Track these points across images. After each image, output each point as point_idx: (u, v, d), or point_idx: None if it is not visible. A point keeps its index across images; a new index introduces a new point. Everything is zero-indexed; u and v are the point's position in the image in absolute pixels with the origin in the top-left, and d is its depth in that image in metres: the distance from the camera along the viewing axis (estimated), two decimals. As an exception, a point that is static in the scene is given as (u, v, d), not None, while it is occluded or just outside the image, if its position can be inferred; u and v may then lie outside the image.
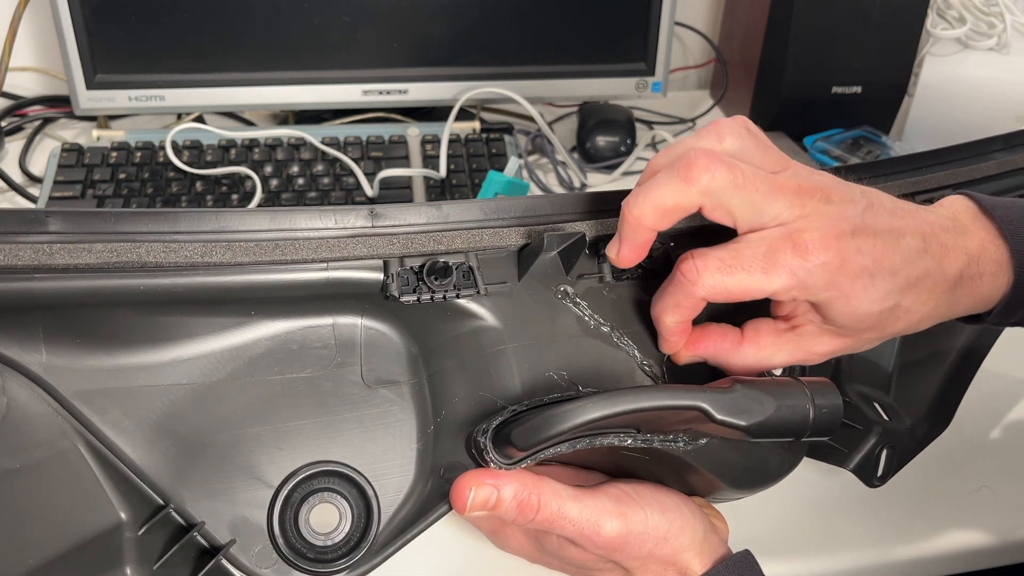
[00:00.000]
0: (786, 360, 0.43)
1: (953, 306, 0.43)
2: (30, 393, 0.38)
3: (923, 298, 0.41)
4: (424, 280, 0.40)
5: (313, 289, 0.40)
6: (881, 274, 0.39)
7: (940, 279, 0.41)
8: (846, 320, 0.40)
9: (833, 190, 0.40)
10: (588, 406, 0.37)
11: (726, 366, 0.43)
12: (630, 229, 0.40)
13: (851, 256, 0.39)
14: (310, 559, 0.41)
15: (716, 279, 0.39)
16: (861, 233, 0.39)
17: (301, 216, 0.40)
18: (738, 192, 0.39)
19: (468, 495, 0.40)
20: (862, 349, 0.43)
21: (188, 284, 0.38)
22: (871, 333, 0.42)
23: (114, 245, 0.37)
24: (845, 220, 0.39)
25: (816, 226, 0.39)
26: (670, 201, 0.39)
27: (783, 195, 0.39)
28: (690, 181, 0.39)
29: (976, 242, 0.43)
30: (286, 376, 0.42)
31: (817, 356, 0.43)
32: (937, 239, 0.41)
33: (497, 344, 0.42)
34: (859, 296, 0.39)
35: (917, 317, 0.41)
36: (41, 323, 0.38)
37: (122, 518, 0.39)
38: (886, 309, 0.40)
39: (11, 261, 0.36)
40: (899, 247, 0.40)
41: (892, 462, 0.52)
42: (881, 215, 0.41)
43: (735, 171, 0.39)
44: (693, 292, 0.40)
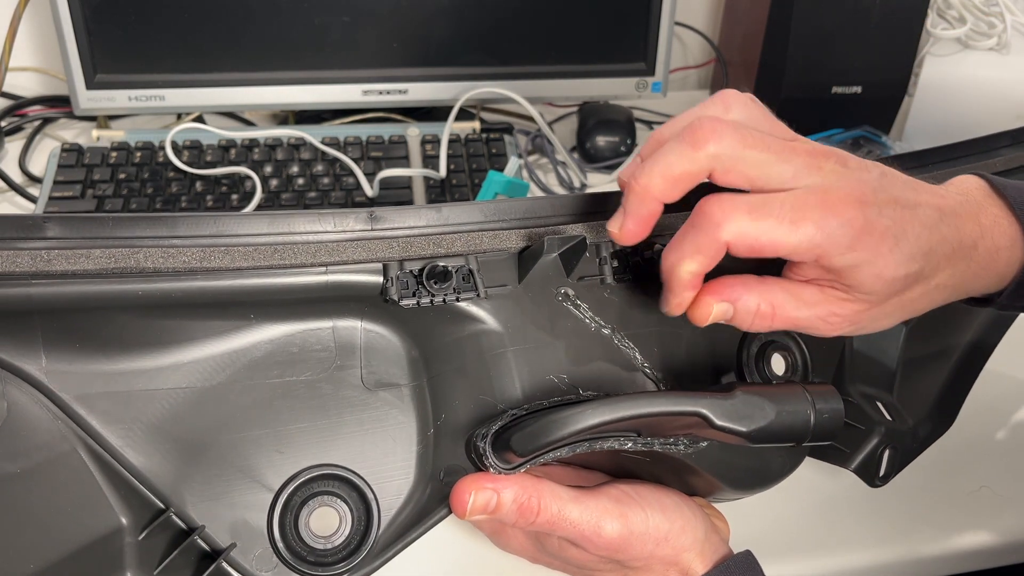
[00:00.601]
0: (808, 316, 0.40)
1: (971, 280, 0.42)
2: (30, 398, 0.38)
3: (941, 264, 0.40)
4: (424, 284, 0.40)
5: (312, 293, 0.40)
6: (905, 237, 0.38)
7: (958, 247, 0.40)
8: (872, 284, 0.39)
9: (848, 157, 0.40)
10: (588, 412, 0.37)
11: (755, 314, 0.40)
12: (637, 200, 0.39)
13: (875, 218, 0.38)
14: (310, 562, 0.40)
15: (744, 224, 0.37)
16: (882, 197, 0.38)
17: (300, 220, 0.40)
18: (749, 152, 0.38)
19: (468, 499, 0.40)
20: (877, 326, 0.41)
21: (187, 288, 0.38)
22: (891, 302, 0.40)
23: (112, 251, 0.37)
24: (865, 183, 0.38)
25: (839, 185, 0.38)
26: (678, 168, 0.38)
27: (797, 156, 0.38)
28: (697, 146, 0.38)
29: (989, 218, 0.42)
30: (286, 379, 0.42)
31: (838, 319, 0.40)
32: (952, 211, 0.41)
33: (497, 347, 0.42)
34: (885, 257, 0.38)
35: (935, 284, 0.40)
36: (40, 328, 0.38)
37: (122, 522, 0.39)
38: (912, 273, 0.39)
39: (9, 268, 0.36)
40: (917, 215, 0.39)
41: (894, 462, 0.52)
42: (896, 184, 0.40)
43: (743, 133, 0.38)
44: (717, 236, 0.37)
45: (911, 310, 0.41)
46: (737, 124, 0.38)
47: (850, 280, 0.39)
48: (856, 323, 0.40)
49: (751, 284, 0.40)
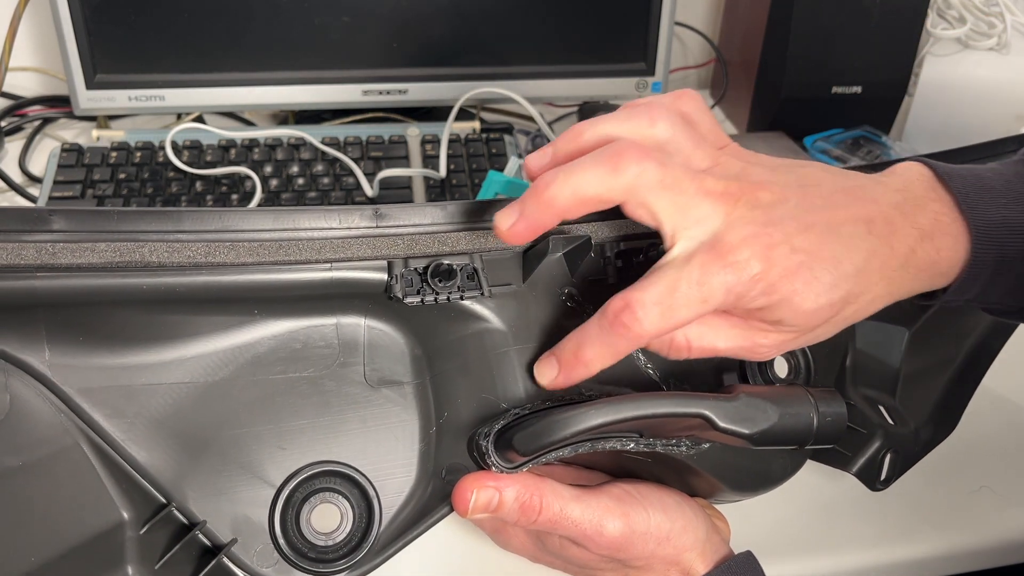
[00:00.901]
0: (731, 347, 0.40)
1: (909, 283, 0.41)
2: (33, 391, 0.38)
3: (873, 279, 0.39)
4: (428, 282, 0.40)
5: (317, 289, 0.40)
6: (823, 265, 0.37)
7: (889, 258, 0.39)
8: (794, 319, 0.38)
9: (762, 188, 0.38)
10: (591, 413, 0.37)
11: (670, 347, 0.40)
12: (538, 208, 0.38)
13: (784, 258, 0.37)
14: (311, 559, 0.40)
15: (659, 324, 0.37)
16: (793, 230, 0.37)
17: (305, 216, 0.40)
18: (665, 193, 0.37)
19: (470, 497, 0.40)
20: (812, 342, 0.41)
21: (191, 283, 0.38)
22: (824, 327, 0.39)
23: (117, 245, 0.37)
24: (775, 223, 0.37)
25: (744, 236, 0.37)
26: (591, 191, 0.37)
27: (708, 199, 0.38)
28: (618, 171, 0.37)
29: (929, 216, 0.40)
30: (289, 375, 0.42)
31: (765, 350, 0.40)
32: (883, 217, 0.39)
33: (501, 346, 0.42)
34: (801, 294, 0.37)
35: (868, 299, 0.39)
36: (44, 322, 0.38)
37: (124, 517, 0.39)
38: (837, 299, 0.38)
39: (14, 260, 0.36)
40: (839, 235, 0.38)
41: (895, 466, 0.52)
42: (815, 205, 0.38)
43: (666, 170, 0.37)
44: (636, 340, 0.37)
45: (845, 324, 0.40)
46: (661, 157, 0.38)
47: (771, 318, 0.38)
48: (787, 348, 0.40)
49: None
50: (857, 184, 0.41)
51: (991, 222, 0.41)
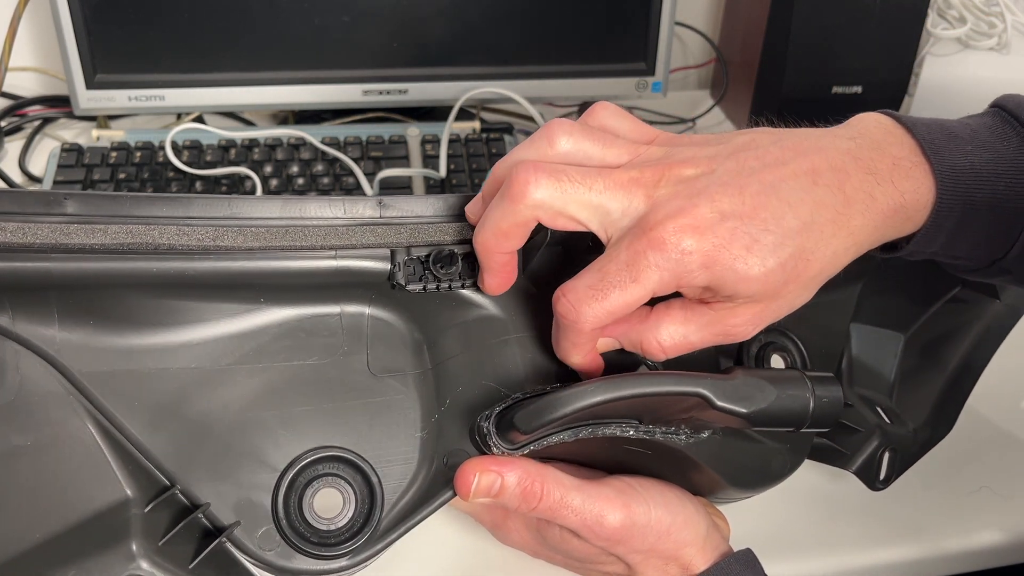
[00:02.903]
0: (707, 337, 0.39)
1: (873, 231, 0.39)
2: (42, 372, 0.39)
3: (828, 231, 0.37)
4: (430, 268, 0.41)
5: (322, 277, 0.40)
6: (762, 226, 0.36)
7: (843, 207, 0.38)
8: (746, 287, 0.37)
9: (685, 164, 0.38)
10: (592, 390, 0.37)
11: (643, 348, 0.40)
12: (484, 256, 0.40)
13: (714, 226, 0.36)
14: (313, 543, 0.41)
15: (593, 308, 0.37)
16: (722, 197, 0.36)
17: (311, 204, 0.41)
18: (568, 196, 0.37)
19: (472, 481, 0.40)
20: (792, 307, 0.39)
21: (200, 269, 0.39)
22: (788, 288, 0.38)
23: (129, 227, 0.38)
24: (700, 194, 0.36)
25: (668, 212, 0.36)
26: (505, 224, 0.38)
27: (623, 189, 0.37)
28: (516, 200, 0.37)
29: (886, 161, 0.39)
30: (293, 363, 0.42)
31: (742, 327, 0.39)
32: (831, 166, 0.38)
33: (502, 334, 0.43)
34: (743, 259, 0.36)
35: (830, 253, 0.38)
36: (56, 303, 0.39)
37: (129, 495, 0.40)
38: (786, 259, 0.37)
39: (29, 239, 0.37)
40: (778, 194, 0.37)
41: (894, 465, 0.52)
42: (748, 167, 0.38)
43: (560, 177, 0.37)
44: (580, 329, 0.38)
45: (815, 283, 0.39)
46: (555, 167, 0.38)
47: (724, 292, 0.37)
48: (763, 321, 0.39)
49: (633, 323, 0.40)
50: (800, 139, 0.40)
51: (957, 167, 0.40)
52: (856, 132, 0.40)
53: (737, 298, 0.38)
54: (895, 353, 0.54)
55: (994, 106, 0.43)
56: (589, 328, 0.38)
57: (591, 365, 0.41)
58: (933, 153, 0.40)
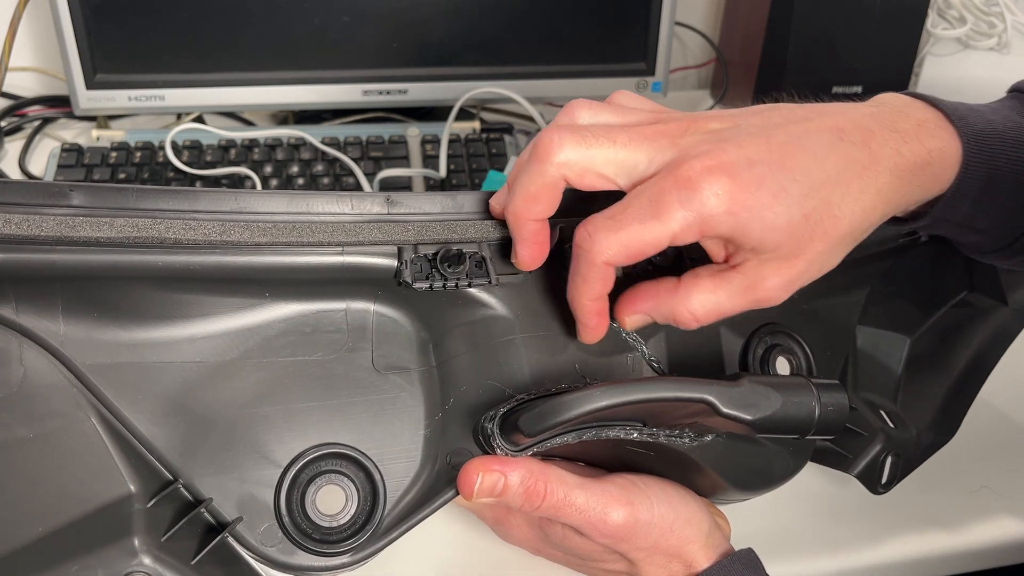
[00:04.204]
0: (739, 303, 0.38)
1: (903, 189, 0.39)
2: (47, 364, 0.39)
3: (856, 187, 0.37)
4: (437, 267, 0.41)
5: (328, 273, 0.40)
6: (789, 176, 0.36)
7: (870, 163, 0.37)
8: (772, 238, 0.36)
9: (712, 119, 0.38)
10: (596, 394, 0.37)
11: (674, 319, 0.39)
12: (516, 226, 0.39)
13: (742, 170, 0.35)
14: (315, 540, 0.41)
15: (610, 239, 0.36)
16: (750, 144, 0.36)
17: (318, 200, 0.40)
18: (594, 151, 0.37)
19: (475, 480, 0.40)
20: (820, 269, 0.38)
21: (206, 262, 0.39)
22: (815, 245, 0.37)
23: (135, 220, 0.38)
24: (727, 140, 0.36)
25: (695, 155, 0.36)
26: (533, 187, 0.38)
27: (647, 141, 0.37)
28: (542, 159, 0.37)
29: (911, 122, 0.39)
30: (298, 358, 0.42)
31: (774, 291, 0.38)
32: (855, 125, 0.38)
33: (507, 334, 0.43)
34: (770, 207, 0.35)
35: (859, 210, 0.37)
36: (61, 295, 0.38)
37: (132, 490, 0.40)
38: (811, 211, 0.36)
39: (34, 231, 0.36)
40: (804, 146, 0.36)
41: (896, 469, 0.52)
42: (775, 123, 0.37)
43: (583, 134, 0.37)
44: (593, 259, 0.37)
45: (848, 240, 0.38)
46: (578, 127, 0.38)
47: (749, 243, 0.37)
48: (793, 284, 0.38)
49: (662, 295, 0.39)
50: (822, 105, 0.39)
51: (981, 131, 0.40)
52: (877, 102, 0.40)
53: (761, 251, 0.37)
54: (900, 357, 0.54)
55: (1012, 91, 0.44)
56: (601, 260, 0.37)
57: (595, 314, 0.40)
58: (957, 118, 0.40)
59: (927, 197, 0.41)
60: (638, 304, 0.40)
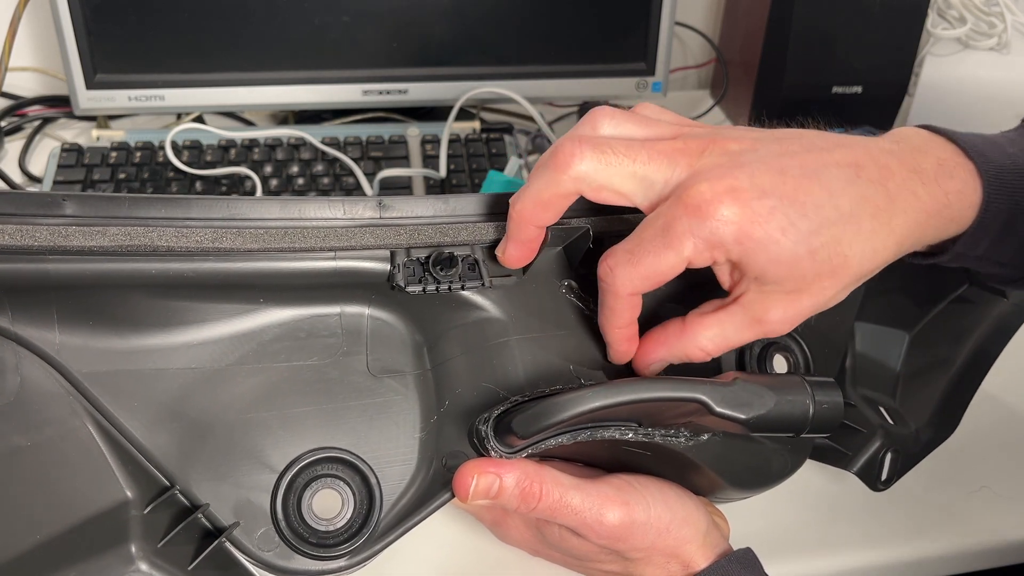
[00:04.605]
0: (746, 335, 0.39)
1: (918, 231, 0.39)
2: (43, 372, 0.39)
3: (868, 227, 0.37)
4: (430, 270, 0.41)
5: (321, 278, 0.40)
6: (800, 211, 0.36)
7: (887, 203, 0.37)
8: (775, 272, 0.36)
9: (730, 140, 0.38)
10: (589, 395, 0.37)
11: (688, 359, 0.40)
12: (515, 225, 0.40)
13: (753, 201, 0.35)
14: (312, 544, 0.41)
15: (628, 273, 0.38)
16: (764, 174, 0.36)
17: (310, 205, 0.40)
18: (612, 169, 0.37)
19: (470, 483, 0.40)
20: (825, 304, 0.38)
21: (199, 269, 0.39)
22: (821, 282, 0.37)
23: (128, 229, 0.38)
24: (742, 167, 0.36)
25: (706, 180, 0.36)
26: (546, 193, 0.38)
27: (667, 158, 0.37)
28: (560, 169, 0.38)
29: (931, 161, 0.39)
30: (293, 363, 0.42)
31: (776, 323, 0.38)
32: (875, 162, 0.38)
33: (501, 336, 0.43)
34: (776, 240, 0.36)
35: (870, 250, 0.37)
36: (56, 304, 0.39)
37: (128, 496, 0.40)
38: (818, 248, 0.36)
39: (28, 242, 0.37)
40: (820, 179, 0.36)
41: (896, 466, 0.52)
42: (791, 151, 0.37)
43: (604, 148, 0.38)
44: (617, 292, 0.39)
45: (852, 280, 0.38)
46: (599, 140, 0.38)
47: (753, 272, 0.37)
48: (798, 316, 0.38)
49: (671, 340, 0.40)
50: (845, 137, 0.39)
51: (1001, 167, 0.40)
52: (896, 138, 0.40)
53: (764, 283, 0.37)
54: (899, 352, 0.54)
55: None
56: (625, 292, 0.38)
57: (625, 340, 0.41)
58: (977, 155, 0.39)
59: (944, 237, 0.41)
60: (651, 355, 0.41)
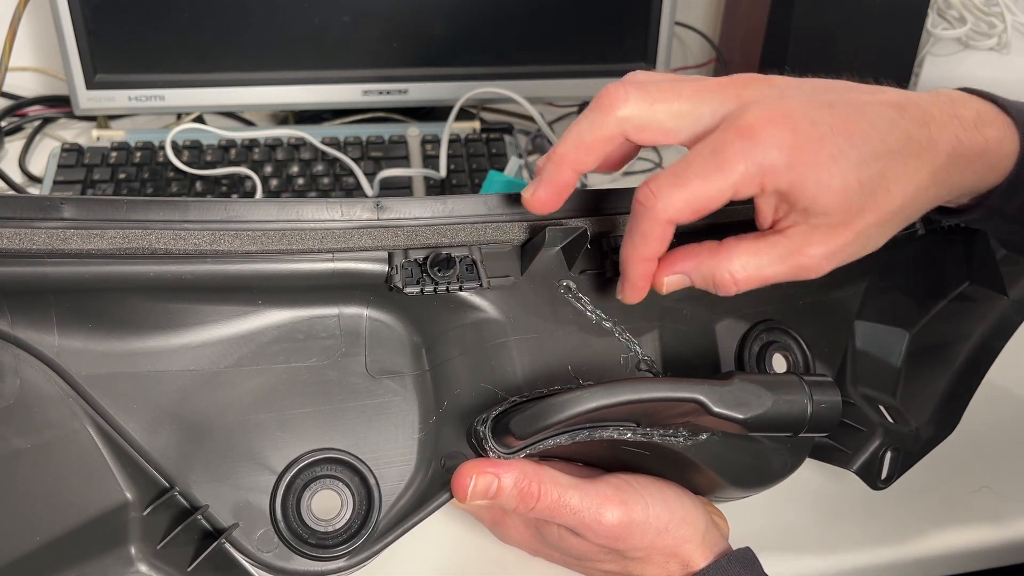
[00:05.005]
0: (780, 269, 0.38)
1: (958, 175, 0.39)
2: (42, 375, 0.39)
3: (913, 166, 0.37)
4: (428, 272, 0.41)
5: (319, 279, 0.40)
6: (849, 141, 0.36)
7: (928, 144, 0.37)
8: (826, 200, 0.36)
9: (774, 78, 0.38)
10: (586, 396, 0.37)
11: (715, 281, 0.39)
12: (552, 167, 0.39)
13: (805, 128, 0.36)
14: (311, 544, 0.41)
15: (674, 195, 0.36)
16: (814, 105, 0.36)
17: (308, 207, 0.40)
18: (658, 105, 0.37)
19: (469, 483, 0.40)
20: (865, 246, 0.38)
21: (197, 271, 0.39)
22: (865, 218, 0.37)
23: (126, 232, 0.38)
24: (792, 97, 0.37)
25: (760, 107, 0.36)
26: (589, 136, 0.38)
27: (711, 92, 0.37)
28: (605, 111, 0.38)
29: (970, 111, 0.39)
30: (292, 365, 0.42)
31: (816, 259, 0.38)
32: (917, 106, 0.38)
33: (499, 336, 0.43)
34: (829, 167, 0.36)
35: (912, 188, 0.37)
36: (55, 307, 0.39)
37: (128, 498, 0.40)
38: (866, 180, 0.36)
39: (26, 245, 0.37)
40: (866, 114, 0.37)
41: (896, 465, 0.52)
42: (837, 90, 0.38)
43: (649, 89, 0.38)
44: (657, 217, 0.37)
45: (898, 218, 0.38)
46: (643, 83, 0.38)
47: (802, 202, 0.36)
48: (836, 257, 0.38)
49: (703, 256, 0.39)
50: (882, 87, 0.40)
51: None
52: (935, 92, 0.40)
53: (812, 214, 0.37)
54: (899, 351, 0.54)
55: None
56: (664, 217, 0.37)
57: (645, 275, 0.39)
58: (1016, 111, 0.40)
59: (982, 186, 0.41)
60: (678, 264, 0.39)
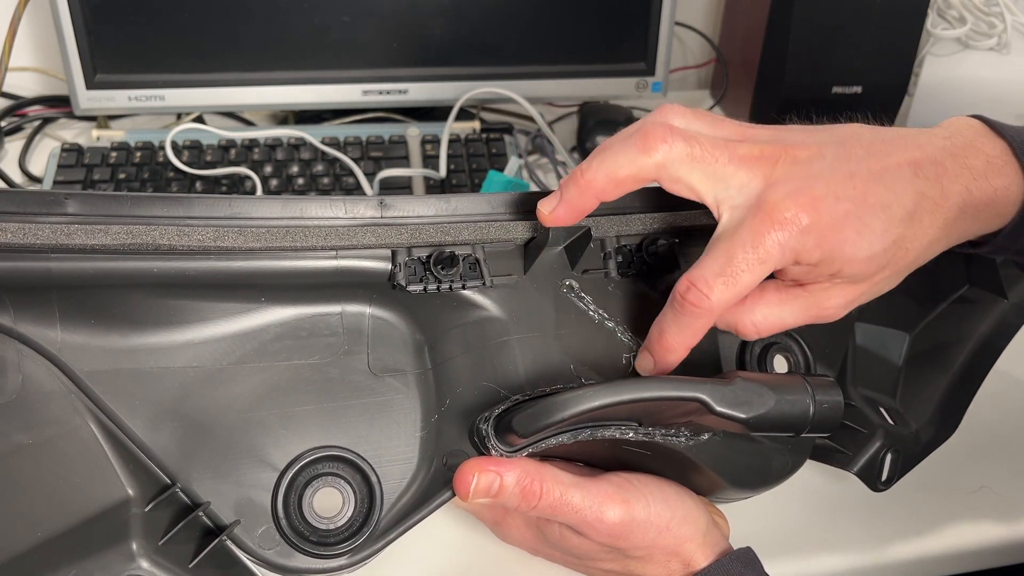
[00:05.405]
0: (799, 318, 0.41)
1: (966, 224, 0.41)
2: (45, 371, 0.39)
3: (926, 222, 0.40)
4: (431, 270, 0.41)
5: (323, 277, 0.41)
6: (871, 212, 0.38)
7: (941, 199, 0.40)
8: (852, 269, 0.39)
9: (798, 147, 0.40)
10: (589, 394, 0.37)
11: (737, 329, 0.41)
12: (577, 191, 0.40)
13: (830, 208, 0.38)
14: (313, 542, 0.41)
15: (726, 294, 0.38)
16: (836, 181, 0.38)
17: (312, 205, 0.41)
18: (697, 165, 0.38)
19: (471, 481, 0.40)
20: (879, 292, 0.42)
21: (201, 268, 0.39)
22: (883, 273, 0.40)
23: (130, 227, 0.38)
24: (815, 176, 0.38)
25: (787, 192, 0.38)
26: (624, 171, 0.39)
27: (745, 165, 0.39)
28: (647, 151, 0.38)
29: (981, 159, 0.41)
30: (294, 362, 0.42)
31: (835, 309, 0.41)
32: (930, 160, 0.40)
33: (502, 335, 0.43)
34: (854, 242, 0.38)
35: (926, 243, 0.40)
36: (57, 303, 0.39)
37: (129, 494, 0.40)
38: (889, 245, 0.39)
39: (30, 240, 0.37)
40: (884, 180, 0.39)
41: (896, 466, 0.52)
42: (856, 156, 0.40)
43: (692, 143, 0.38)
44: (712, 315, 0.39)
45: (906, 271, 0.41)
46: (688, 134, 0.39)
47: (828, 271, 0.39)
48: (854, 303, 0.41)
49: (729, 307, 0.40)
50: (899, 134, 0.41)
51: None
52: (949, 132, 0.42)
53: (838, 278, 0.39)
54: (900, 353, 0.54)
55: None
56: (717, 312, 0.39)
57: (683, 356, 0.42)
58: (1022, 152, 0.41)
59: (989, 230, 0.43)
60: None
